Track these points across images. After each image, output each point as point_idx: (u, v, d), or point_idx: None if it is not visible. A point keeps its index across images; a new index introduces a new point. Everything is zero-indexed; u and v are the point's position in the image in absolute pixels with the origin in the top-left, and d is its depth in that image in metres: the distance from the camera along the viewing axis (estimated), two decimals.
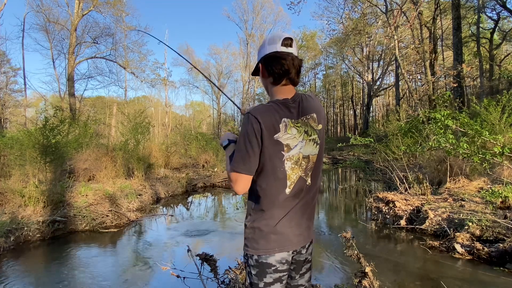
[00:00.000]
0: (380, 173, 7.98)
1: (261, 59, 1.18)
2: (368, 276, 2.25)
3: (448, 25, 17.74)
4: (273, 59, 1.13)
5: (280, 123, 1.08)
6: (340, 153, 18.35)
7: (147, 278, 3.18)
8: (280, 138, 1.08)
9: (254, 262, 1.16)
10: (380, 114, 36.64)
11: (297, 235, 1.18)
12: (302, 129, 1.13)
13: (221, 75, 39.21)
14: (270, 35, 1.18)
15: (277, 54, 1.12)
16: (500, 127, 5.44)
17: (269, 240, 1.14)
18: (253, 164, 1.09)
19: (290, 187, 1.13)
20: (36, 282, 3.18)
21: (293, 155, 1.12)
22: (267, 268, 1.15)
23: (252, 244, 1.16)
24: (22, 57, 37.77)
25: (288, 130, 1.09)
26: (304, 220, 1.19)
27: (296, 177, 1.13)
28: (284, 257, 1.16)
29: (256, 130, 1.05)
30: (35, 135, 5.39)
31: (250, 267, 1.18)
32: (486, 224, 3.58)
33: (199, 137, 12.04)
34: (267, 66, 1.15)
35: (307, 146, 1.15)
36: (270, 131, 1.06)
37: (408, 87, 16.74)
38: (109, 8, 19.05)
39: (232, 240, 4.42)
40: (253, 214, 1.18)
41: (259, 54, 1.21)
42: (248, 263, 1.19)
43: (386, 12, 13.98)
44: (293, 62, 1.12)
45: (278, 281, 1.17)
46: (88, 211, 4.99)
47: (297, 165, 1.13)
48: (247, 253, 1.19)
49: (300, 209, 1.17)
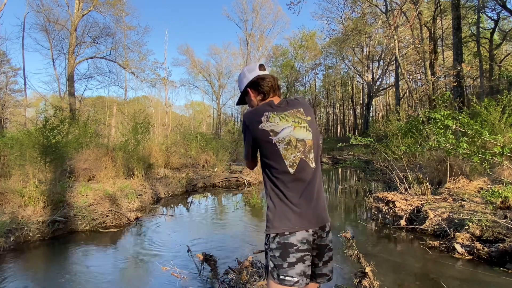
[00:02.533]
0: (380, 173, 7.98)
1: (247, 85, 1.44)
2: (368, 276, 2.25)
3: (448, 25, 17.73)
4: (258, 81, 1.42)
5: (262, 117, 1.33)
6: (340, 153, 18.34)
7: (147, 278, 3.18)
8: (264, 127, 1.32)
9: (276, 244, 1.27)
10: (380, 114, 36.64)
11: (316, 215, 1.31)
12: (290, 118, 1.34)
13: (221, 75, 39.21)
14: (246, 68, 1.49)
15: (259, 76, 1.42)
16: (500, 127, 5.44)
17: (290, 219, 1.27)
18: (249, 152, 1.44)
19: (293, 167, 1.30)
20: (36, 282, 3.18)
21: (283, 138, 1.31)
22: (289, 247, 1.25)
23: (273, 224, 1.29)
24: (22, 57, 37.85)
25: (270, 119, 1.32)
26: (320, 202, 1.35)
27: (295, 157, 1.31)
28: (304, 237, 1.27)
29: (244, 130, 1.38)
30: (35, 135, 5.39)
31: (273, 250, 1.28)
32: (486, 224, 3.58)
33: (199, 137, 12.03)
34: (255, 87, 1.43)
35: (298, 131, 1.34)
36: (254, 124, 1.33)
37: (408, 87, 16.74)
38: (109, 8, 19.06)
39: (232, 240, 4.42)
40: (270, 196, 1.34)
41: (241, 84, 1.48)
42: (270, 247, 1.29)
43: (386, 12, 13.97)
44: (273, 79, 1.43)
45: (301, 261, 1.25)
46: (88, 211, 4.99)
47: (290, 146, 1.31)
48: (268, 233, 1.30)
49: (313, 190, 1.33)
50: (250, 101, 1.49)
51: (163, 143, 11.20)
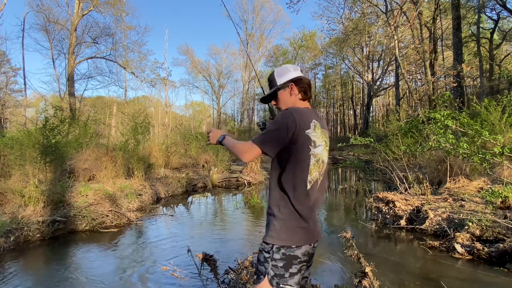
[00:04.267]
0: (380, 173, 7.98)
1: (293, 79, 1.44)
2: (368, 276, 2.25)
3: (448, 25, 17.72)
4: (301, 80, 1.45)
5: (311, 122, 1.33)
6: (340, 153, 18.31)
7: (147, 278, 3.18)
8: (310, 133, 1.31)
9: (281, 255, 1.27)
10: (380, 114, 36.61)
11: (318, 230, 1.37)
12: (324, 137, 1.39)
13: (221, 75, 39.18)
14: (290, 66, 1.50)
15: (303, 76, 1.47)
16: (500, 127, 5.44)
17: (298, 233, 1.28)
18: (271, 146, 1.30)
19: (310, 183, 1.32)
20: (36, 282, 3.18)
21: (317, 153, 1.33)
22: (293, 259, 1.27)
23: (279, 235, 1.28)
24: (22, 57, 37.80)
25: (316, 129, 1.34)
26: (317, 216, 1.40)
27: (315, 175, 1.34)
28: (307, 250, 1.31)
29: (290, 125, 1.27)
30: (35, 135, 5.38)
31: (276, 260, 1.27)
32: (486, 224, 3.58)
33: (199, 137, 12.03)
34: (299, 85, 1.44)
35: (325, 153, 1.40)
36: (302, 126, 1.29)
37: (408, 87, 16.75)
38: (109, 8, 19.06)
39: (232, 240, 4.42)
40: (279, 205, 1.32)
41: (283, 77, 1.46)
42: (273, 257, 1.28)
43: (386, 12, 13.99)
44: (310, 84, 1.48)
45: (300, 271, 1.30)
46: (88, 211, 4.98)
47: (317, 164, 1.34)
48: (273, 244, 1.28)
49: (317, 205, 1.38)
50: (286, 98, 1.46)
51: (163, 143, 11.19)
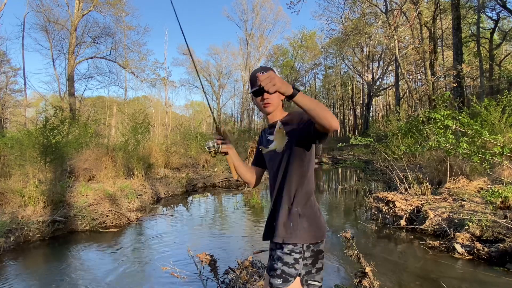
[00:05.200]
0: (380, 173, 7.98)
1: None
2: (368, 276, 2.25)
3: (448, 25, 17.72)
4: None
5: None
6: (340, 153, 18.33)
7: (147, 278, 3.18)
8: None
9: (311, 252, 1.26)
10: (380, 114, 36.60)
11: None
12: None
13: (221, 75, 39.16)
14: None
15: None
16: (500, 127, 5.44)
17: (321, 228, 1.29)
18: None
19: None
20: (36, 282, 3.18)
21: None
22: (319, 254, 1.29)
23: (310, 233, 1.25)
24: (22, 57, 37.86)
25: None
26: None
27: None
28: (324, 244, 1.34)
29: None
30: (35, 135, 5.38)
31: (307, 259, 1.26)
32: (486, 224, 3.58)
33: (199, 137, 12.04)
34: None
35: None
36: None
37: (408, 87, 16.75)
38: (109, 8, 19.08)
39: (232, 240, 4.43)
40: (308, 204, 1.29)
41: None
42: (304, 256, 1.25)
43: (386, 12, 13.98)
44: None
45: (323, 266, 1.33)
46: (88, 211, 4.99)
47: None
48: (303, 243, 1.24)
49: None
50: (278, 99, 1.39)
51: (163, 143, 11.20)
